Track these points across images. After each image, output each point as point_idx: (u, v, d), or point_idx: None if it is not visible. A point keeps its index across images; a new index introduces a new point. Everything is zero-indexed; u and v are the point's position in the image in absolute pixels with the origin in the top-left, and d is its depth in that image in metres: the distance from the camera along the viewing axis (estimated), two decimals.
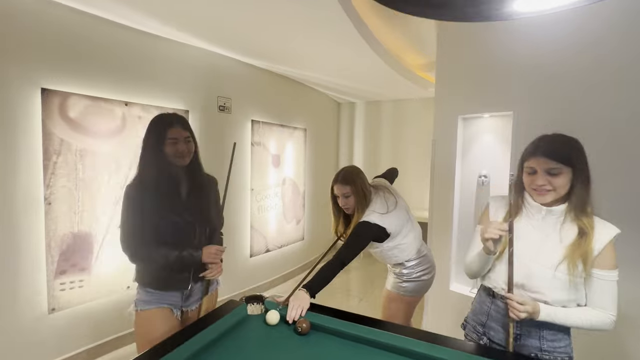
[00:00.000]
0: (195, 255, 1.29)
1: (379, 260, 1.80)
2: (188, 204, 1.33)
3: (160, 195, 1.26)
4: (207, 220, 1.38)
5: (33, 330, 1.94)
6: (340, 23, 2.11)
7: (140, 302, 1.30)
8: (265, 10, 2.02)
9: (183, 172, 1.34)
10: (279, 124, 3.59)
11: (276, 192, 3.60)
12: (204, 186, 1.40)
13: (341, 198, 1.64)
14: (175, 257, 1.25)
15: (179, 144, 1.28)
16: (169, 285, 1.30)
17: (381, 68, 2.99)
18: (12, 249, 1.84)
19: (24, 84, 1.85)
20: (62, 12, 1.97)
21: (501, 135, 2.23)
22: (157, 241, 1.26)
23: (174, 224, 1.28)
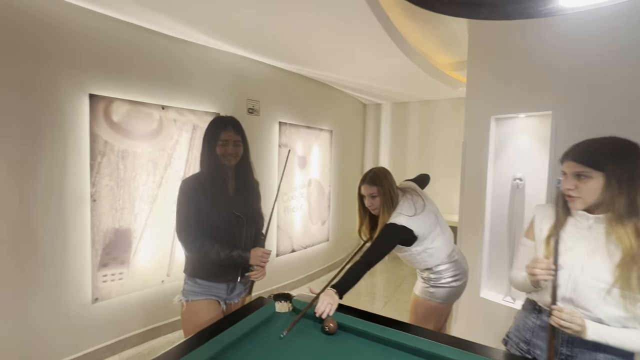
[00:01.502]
0: (244, 256, 1.37)
1: (407, 264, 1.77)
2: (236, 201, 1.42)
3: (212, 191, 1.36)
4: (253, 218, 1.48)
5: (78, 319, 2.10)
6: (368, 24, 2.11)
7: (190, 293, 1.39)
8: (294, 14, 2.06)
9: (233, 172, 1.44)
10: (306, 126, 3.64)
11: (302, 193, 3.64)
12: (251, 186, 1.49)
13: (367, 198, 1.63)
14: (226, 255, 1.34)
15: (228, 146, 1.37)
16: (218, 278, 1.39)
17: (409, 68, 2.95)
18: (62, 242, 2.01)
19: (74, 90, 2.01)
20: (107, 22, 2.12)
21: (538, 136, 2.12)
22: (209, 235, 1.35)
23: (224, 218, 1.37)
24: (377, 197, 1.61)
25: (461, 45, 3.31)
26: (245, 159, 1.46)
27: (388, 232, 1.54)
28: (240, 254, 1.37)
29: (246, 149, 1.45)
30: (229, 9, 2.02)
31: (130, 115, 2.25)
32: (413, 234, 1.56)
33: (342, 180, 4.39)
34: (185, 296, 1.39)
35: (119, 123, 2.20)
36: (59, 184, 1.98)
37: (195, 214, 1.34)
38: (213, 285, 1.39)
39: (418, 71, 3.03)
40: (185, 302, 1.38)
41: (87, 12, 2.03)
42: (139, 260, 2.36)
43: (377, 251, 1.50)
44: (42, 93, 1.89)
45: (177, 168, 2.52)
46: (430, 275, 1.69)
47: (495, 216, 2.32)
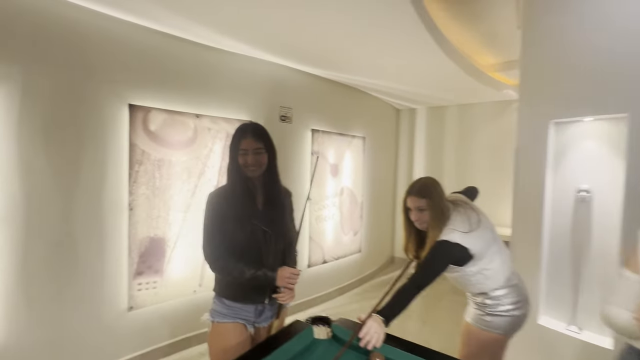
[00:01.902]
0: (270, 275, 1.25)
1: (458, 286, 1.58)
2: (263, 215, 1.32)
3: (237, 205, 1.27)
4: (282, 232, 1.36)
5: (114, 327, 2.11)
6: (410, 23, 1.98)
7: (216, 314, 1.31)
8: (327, 19, 1.98)
9: (259, 182, 1.34)
10: (338, 133, 3.53)
11: (334, 202, 3.52)
12: (278, 198, 1.37)
13: (414, 211, 1.45)
14: (251, 275, 1.24)
15: (247, 156, 1.26)
16: (245, 299, 1.30)
17: (450, 69, 2.76)
18: (100, 250, 2.03)
19: (115, 101, 2.05)
20: (145, 34, 2.16)
21: (608, 142, 1.86)
22: (234, 252, 1.26)
23: (249, 234, 1.28)
24: (426, 210, 1.43)
25: (506, 44, 3.07)
26: (271, 167, 1.33)
27: (440, 250, 1.36)
28: (265, 274, 1.25)
29: (272, 157, 1.32)
30: (263, 17, 1.98)
31: (167, 124, 2.27)
32: (468, 252, 1.37)
33: (375, 189, 4.22)
34: (212, 316, 1.32)
35: (155, 132, 2.21)
36: (99, 192, 2.01)
37: (219, 229, 1.26)
38: (240, 307, 1.30)
39: (459, 73, 2.83)
40: (211, 323, 1.31)
41: (128, 25, 2.07)
42: (172, 270, 2.35)
43: (427, 272, 1.33)
44: (86, 104, 1.94)
45: (210, 177, 2.50)
46: (485, 300, 1.48)
47: (555, 232, 2.05)
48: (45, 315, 1.84)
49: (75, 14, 1.86)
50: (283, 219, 1.39)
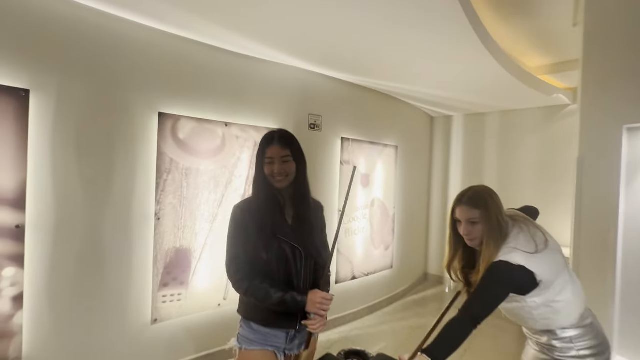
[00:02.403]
0: (300, 300, 1.12)
1: (511, 319, 1.34)
2: (292, 230, 1.20)
3: (263, 218, 1.16)
4: (313, 250, 1.22)
5: (138, 339, 2.05)
6: (454, 21, 1.80)
7: (244, 340, 1.19)
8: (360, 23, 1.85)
9: (287, 194, 1.22)
10: (369, 142, 3.37)
11: (364, 214, 3.33)
12: (309, 211, 1.24)
13: (465, 224, 1.23)
14: (278, 298, 1.11)
15: (274, 165, 1.16)
16: (275, 324, 1.18)
17: (496, 73, 2.52)
18: (127, 260, 1.99)
19: (145, 109, 2.04)
20: (176, 42, 2.15)
21: None
22: (260, 272, 1.15)
23: (278, 251, 1.16)
24: (479, 224, 1.20)
25: (559, 44, 2.79)
26: (301, 178, 1.22)
27: (499, 273, 1.13)
28: (294, 298, 1.11)
29: (301, 166, 1.21)
30: (295, 23, 1.90)
31: (195, 133, 2.23)
32: (534, 278, 1.14)
33: (408, 201, 3.98)
34: (239, 343, 1.19)
35: (184, 140, 2.18)
36: (128, 201, 1.99)
37: (243, 245, 1.15)
38: (270, 333, 1.17)
39: (506, 76, 2.58)
40: (239, 350, 1.18)
41: (159, 33, 2.07)
42: (198, 282, 2.27)
43: (484, 301, 1.12)
44: (117, 113, 1.94)
45: (237, 186, 2.43)
46: (553, 341, 1.22)
47: (630, 255, 1.74)
48: (70, 325, 1.81)
49: (109, 24, 1.88)
50: (314, 235, 1.25)
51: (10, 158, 1.58)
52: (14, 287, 1.62)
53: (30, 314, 1.68)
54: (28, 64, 1.64)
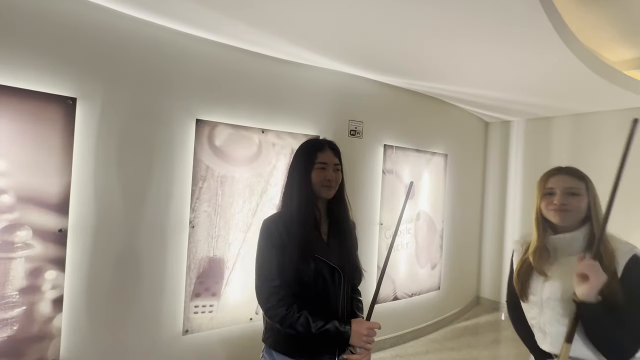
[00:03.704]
0: (344, 331, 0.99)
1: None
2: (331, 249, 1.09)
3: (303, 236, 1.04)
4: (352, 272, 1.12)
5: (169, 349, 2.01)
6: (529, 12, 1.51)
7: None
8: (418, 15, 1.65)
9: (324, 208, 1.12)
10: (415, 149, 3.10)
11: (408, 229, 3.05)
12: (348, 227, 1.16)
13: (561, 195, 1.01)
14: (318, 328, 0.98)
15: (327, 171, 1.07)
16: (310, 355, 1.04)
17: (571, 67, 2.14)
18: (161, 268, 1.97)
19: (184, 116, 2.03)
20: (213, 47, 2.13)
21: None
22: (296, 297, 1.02)
23: (316, 272, 1.04)
24: (583, 196, 1.01)
25: None
26: (342, 192, 1.15)
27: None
28: (337, 328, 0.98)
29: (344, 179, 1.15)
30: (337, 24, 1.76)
31: (232, 140, 2.18)
32: None
33: (458, 216, 3.60)
34: None
35: (220, 147, 2.14)
36: (165, 208, 1.98)
37: (277, 264, 1.02)
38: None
39: (583, 71, 2.18)
40: None
41: (198, 40, 2.07)
42: (230, 294, 2.19)
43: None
44: (157, 120, 1.95)
45: (272, 195, 2.33)
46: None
47: None
48: (105, 330, 1.81)
49: (150, 32, 1.91)
50: (352, 254, 1.13)
51: (56, 164, 1.63)
52: (55, 290, 1.66)
53: (69, 317, 1.71)
54: (75, 74, 1.70)
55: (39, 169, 1.59)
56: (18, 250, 1.55)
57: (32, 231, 1.58)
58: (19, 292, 1.56)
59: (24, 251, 1.56)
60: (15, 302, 1.55)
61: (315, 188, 1.07)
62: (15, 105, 1.53)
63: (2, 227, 1.51)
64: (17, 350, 1.56)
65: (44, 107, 1.60)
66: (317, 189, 1.07)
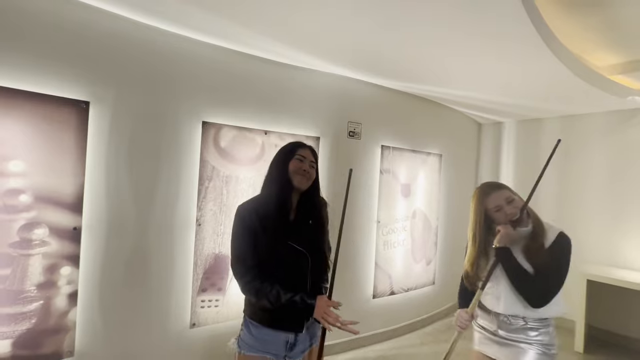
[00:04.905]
0: (309, 303, 1.13)
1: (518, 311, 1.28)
2: (300, 230, 1.22)
3: (272, 218, 1.17)
4: (320, 248, 1.26)
5: (177, 342, 2.10)
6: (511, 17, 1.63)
7: (244, 344, 1.22)
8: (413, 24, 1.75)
9: (297, 197, 1.25)
10: (411, 150, 3.21)
11: (404, 226, 3.17)
12: (318, 212, 1.29)
13: (505, 206, 1.28)
14: (288, 299, 1.11)
15: (304, 163, 1.23)
16: (281, 326, 1.18)
17: (559, 74, 2.26)
18: (170, 264, 2.06)
19: (191, 118, 2.11)
20: (218, 52, 2.22)
21: None
22: (268, 274, 1.16)
23: (285, 253, 1.17)
24: (516, 200, 1.30)
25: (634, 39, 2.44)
26: (316, 187, 1.29)
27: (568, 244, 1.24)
28: (303, 300, 1.13)
29: (317, 177, 1.30)
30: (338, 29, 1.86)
31: (236, 141, 2.27)
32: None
33: (452, 213, 3.72)
34: (239, 346, 1.22)
35: (225, 148, 2.23)
36: (172, 207, 2.06)
37: (252, 246, 1.15)
38: (269, 340, 1.18)
39: (570, 77, 2.31)
40: (238, 353, 1.22)
41: (204, 45, 2.15)
42: (234, 288, 2.28)
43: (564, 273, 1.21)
44: (166, 123, 2.03)
45: None
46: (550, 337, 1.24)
47: None
48: (117, 323, 1.90)
49: (159, 38, 1.99)
50: (320, 237, 1.27)
51: (70, 165, 1.71)
52: (70, 285, 1.74)
53: (83, 311, 1.79)
54: (88, 79, 1.77)
55: (54, 170, 1.66)
56: (35, 247, 1.62)
57: (49, 229, 1.66)
58: (37, 287, 1.64)
59: (41, 248, 1.64)
60: (33, 297, 1.63)
61: (291, 176, 1.20)
62: (32, 109, 1.60)
63: (21, 225, 1.59)
64: (35, 342, 1.64)
65: (59, 110, 1.67)
66: (292, 177, 1.20)
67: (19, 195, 1.58)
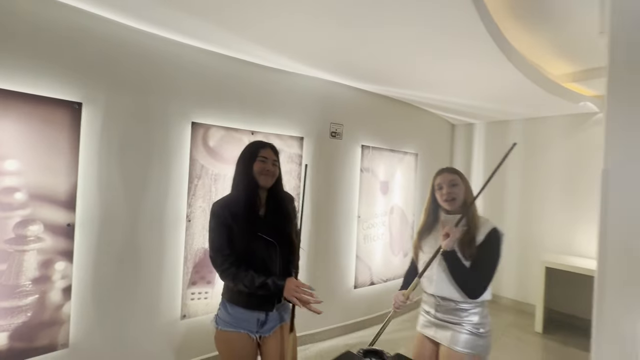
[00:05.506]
0: (279, 284, 1.29)
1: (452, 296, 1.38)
2: (269, 223, 1.37)
3: (242, 214, 1.32)
4: (287, 238, 1.40)
5: (168, 333, 2.19)
6: (473, 32, 1.84)
7: (221, 321, 1.38)
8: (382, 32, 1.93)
9: (265, 193, 1.40)
10: (389, 149, 3.42)
11: (383, 221, 3.37)
12: (284, 206, 1.43)
13: (446, 187, 1.42)
14: (260, 283, 1.27)
15: (267, 163, 1.36)
16: (255, 306, 1.34)
17: (517, 81, 2.52)
18: (160, 258, 2.15)
19: (181, 119, 2.20)
20: (207, 56, 2.32)
21: None
22: (244, 260, 1.31)
23: (255, 243, 1.32)
24: (460, 185, 1.42)
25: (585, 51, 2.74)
26: (280, 181, 1.44)
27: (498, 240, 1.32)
28: (274, 282, 1.28)
29: (280, 174, 1.43)
30: (318, 36, 2.00)
31: (224, 141, 2.38)
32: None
33: None
34: (217, 323, 1.38)
35: (213, 148, 2.33)
36: (163, 204, 2.15)
37: (227, 238, 1.30)
38: (243, 318, 1.34)
39: (528, 84, 2.57)
40: (216, 329, 1.37)
41: (193, 49, 2.24)
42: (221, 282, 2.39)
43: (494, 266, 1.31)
44: (156, 123, 2.11)
45: None
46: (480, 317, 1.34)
47: None
48: (110, 316, 1.97)
49: (150, 42, 2.07)
50: (286, 228, 1.41)
51: (64, 163, 1.77)
52: (64, 280, 1.80)
53: (77, 305, 1.86)
54: (81, 81, 1.84)
55: (48, 169, 1.72)
56: (31, 243, 1.68)
57: (43, 226, 1.72)
58: (32, 281, 1.70)
59: (36, 244, 1.70)
60: (29, 291, 1.69)
61: (256, 176, 1.34)
62: (27, 110, 1.66)
63: (16, 222, 1.64)
64: (30, 335, 1.70)
65: (53, 111, 1.73)
66: (257, 177, 1.34)
67: (14, 193, 1.63)
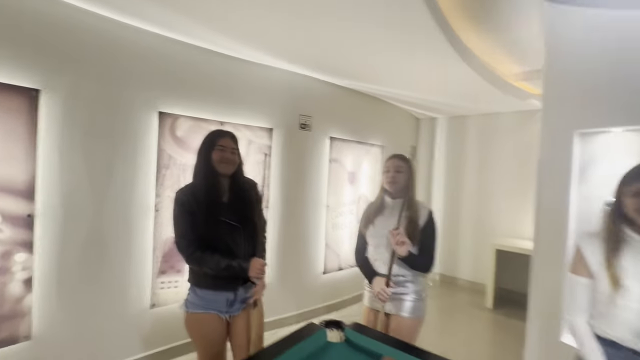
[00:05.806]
0: (244, 266, 1.36)
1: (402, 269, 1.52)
2: (232, 208, 1.41)
3: (205, 201, 1.36)
4: (250, 222, 1.45)
5: (137, 323, 2.20)
6: (429, 33, 2.00)
7: (190, 304, 1.41)
8: (347, 28, 2.03)
9: (227, 180, 1.44)
10: (356, 141, 3.56)
11: (351, 210, 3.53)
12: (245, 192, 1.47)
13: (392, 172, 1.55)
14: (226, 265, 1.33)
15: (225, 152, 1.39)
16: (221, 287, 1.39)
17: (471, 79, 2.74)
18: (128, 248, 2.14)
19: (147, 109, 2.18)
20: (176, 46, 2.30)
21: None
22: (209, 246, 1.35)
23: (219, 228, 1.37)
24: (404, 173, 1.55)
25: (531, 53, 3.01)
26: (240, 169, 1.46)
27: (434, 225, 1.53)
28: (240, 264, 1.35)
29: (241, 162, 1.46)
30: (283, 28, 2.07)
31: (192, 131, 2.38)
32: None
33: None
34: (186, 306, 1.42)
35: (181, 138, 2.33)
36: (129, 194, 2.14)
37: (191, 224, 1.34)
38: (212, 299, 1.39)
39: (480, 82, 2.80)
40: (186, 312, 1.41)
41: (160, 38, 2.22)
42: None
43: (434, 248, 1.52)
44: (121, 112, 2.08)
45: None
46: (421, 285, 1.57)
47: None
48: (75, 307, 1.96)
49: (115, 29, 2.02)
50: (250, 210, 1.47)
51: (21, 152, 1.72)
52: (25, 272, 1.76)
53: (39, 296, 1.83)
54: (40, 66, 1.77)
55: (5, 158, 1.67)
56: None
57: (1, 216, 1.66)
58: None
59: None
60: None
61: (215, 165, 1.37)
62: None
63: None
64: None
65: (9, 98, 1.66)
66: (217, 166, 1.37)
67: None
